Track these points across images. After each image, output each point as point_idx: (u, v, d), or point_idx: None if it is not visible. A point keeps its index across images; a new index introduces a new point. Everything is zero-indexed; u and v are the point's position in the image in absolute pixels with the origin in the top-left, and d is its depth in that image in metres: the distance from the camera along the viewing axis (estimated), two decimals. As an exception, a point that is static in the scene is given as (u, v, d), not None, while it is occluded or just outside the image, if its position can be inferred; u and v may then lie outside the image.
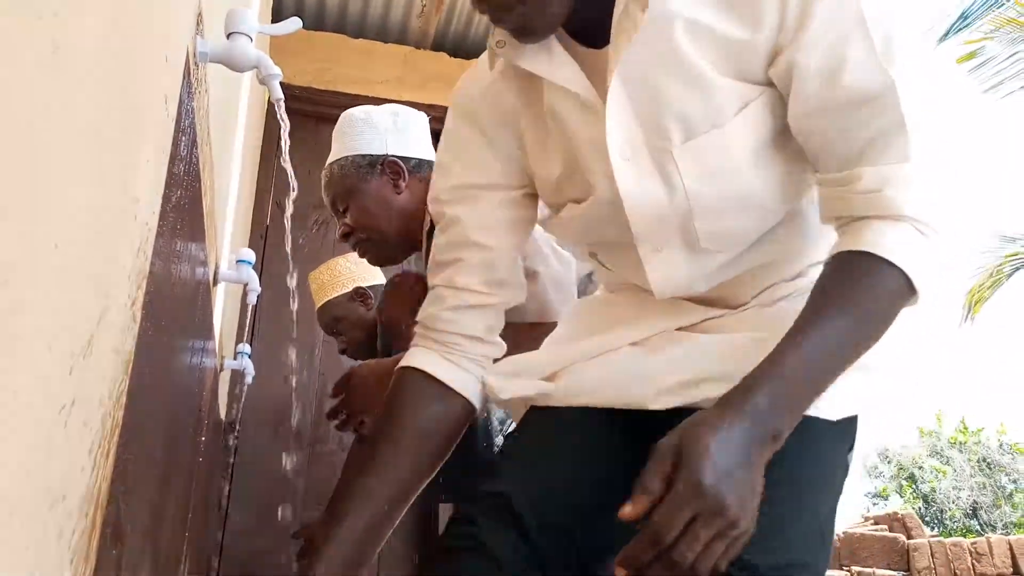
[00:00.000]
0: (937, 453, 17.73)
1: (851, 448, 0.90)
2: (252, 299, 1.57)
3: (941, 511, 15.99)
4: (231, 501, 2.80)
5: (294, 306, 2.29)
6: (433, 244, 1.06)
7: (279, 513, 2.66)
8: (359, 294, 2.20)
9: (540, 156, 0.98)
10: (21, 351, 0.38)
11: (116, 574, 0.69)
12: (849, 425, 0.89)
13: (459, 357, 1.03)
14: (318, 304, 2.22)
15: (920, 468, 17.46)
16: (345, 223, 1.59)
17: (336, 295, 2.20)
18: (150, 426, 0.81)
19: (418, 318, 1.06)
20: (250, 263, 1.52)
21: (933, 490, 16.66)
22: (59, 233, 0.42)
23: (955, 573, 4.34)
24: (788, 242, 0.95)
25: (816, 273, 0.83)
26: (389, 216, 1.57)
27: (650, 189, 0.88)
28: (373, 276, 2.25)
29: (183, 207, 0.89)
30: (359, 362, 1.61)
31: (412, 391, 1.02)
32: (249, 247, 2.52)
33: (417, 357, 1.04)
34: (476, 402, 1.03)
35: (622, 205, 0.89)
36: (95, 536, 0.57)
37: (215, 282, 1.36)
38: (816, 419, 0.82)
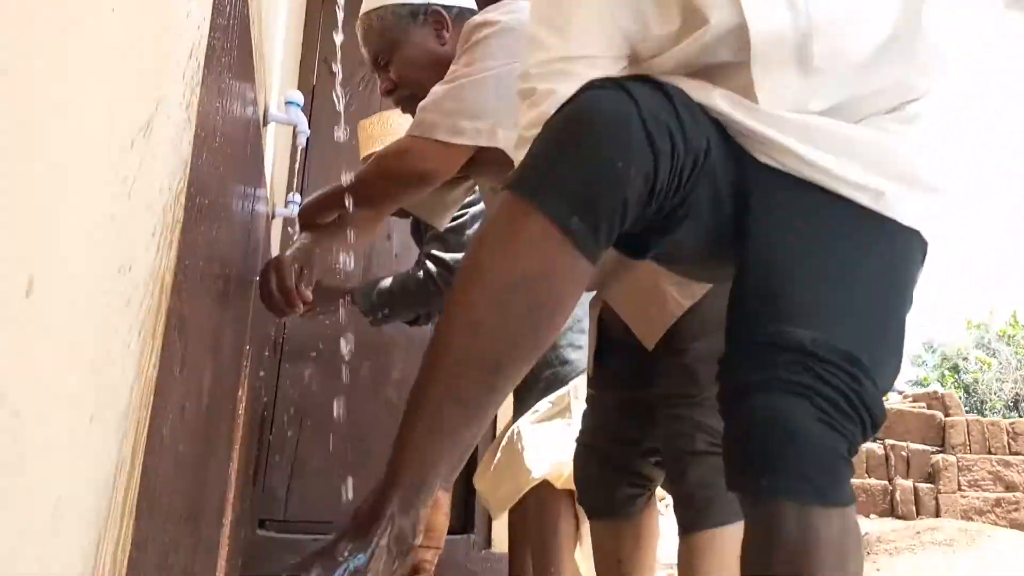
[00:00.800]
0: (984, 345, 17.57)
1: (918, 274, 0.92)
2: (301, 141, 1.58)
3: (982, 402, 16.00)
4: (284, 353, 2.93)
5: (345, 171, 2.32)
6: (521, 119, 1.03)
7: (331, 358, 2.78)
8: None
9: (658, 13, 0.96)
10: (87, 114, 0.40)
11: (180, 364, 0.74)
12: (918, 242, 0.91)
13: None
14: (364, 154, 2.22)
15: (965, 359, 17.36)
16: (388, 78, 1.55)
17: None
18: (206, 248, 0.85)
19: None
20: (299, 105, 1.53)
21: (976, 381, 16.61)
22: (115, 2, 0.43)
23: (990, 450, 4.39)
24: (895, 69, 0.95)
25: (914, 111, 0.87)
26: (434, 69, 1.50)
27: (773, 10, 0.89)
28: None
29: (232, 31, 0.89)
30: None
31: None
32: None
33: None
34: None
35: (740, 31, 0.90)
36: (160, 318, 0.61)
37: (264, 122, 1.37)
38: (888, 219, 0.86)
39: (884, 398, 0.84)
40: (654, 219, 0.86)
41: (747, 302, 0.86)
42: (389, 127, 2.22)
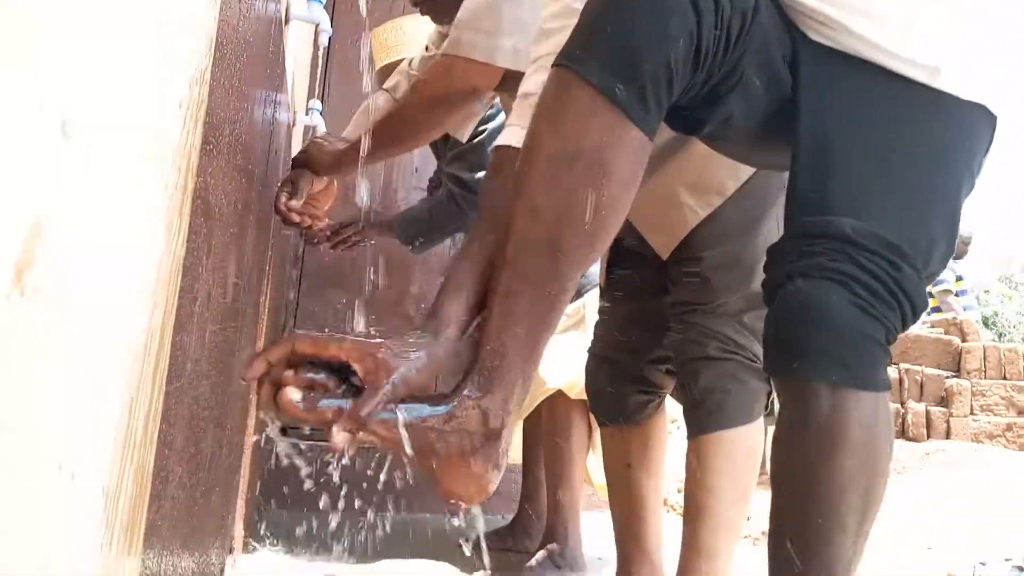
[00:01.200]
0: (1007, 279, 17.40)
1: (983, 151, 0.89)
2: (323, 41, 1.56)
3: (1000, 335, 15.94)
4: (304, 267, 2.96)
5: (366, 73, 2.29)
6: (544, 13, 1.01)
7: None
8: (426, 59, 2.17)
9: None
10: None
11: (207, 251, 0.75)
12: (984, 118, 0.87)
13: None
14: (379, 65, 2.20)
15: (986, 292, 17.22)
16: None
17: (399, 58, 2.17)
18: (230, 137, 0.85)
19: (520, 90, 1.05)
20: (321, 1, 1.50)
21: (996, 313, 16.51)
22: None
23: (1005, 376, 4.41)
24: None
25: None
26: None
27: None
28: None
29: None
30: None
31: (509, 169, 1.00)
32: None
33: (516, 135, 0.99)
34: None
35: None
36: (187, 197, 0.62)
37: (286, 20, 1.35)
38: (946, 94, 0.83)
39: (927, 287, 0.83)
40: (704, 88, 0.84)
41: (797, 189, 0.85)
42: (403, 34, 2.18)
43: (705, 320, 1.34)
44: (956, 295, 6.04)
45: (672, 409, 1.56)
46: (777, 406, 1.15)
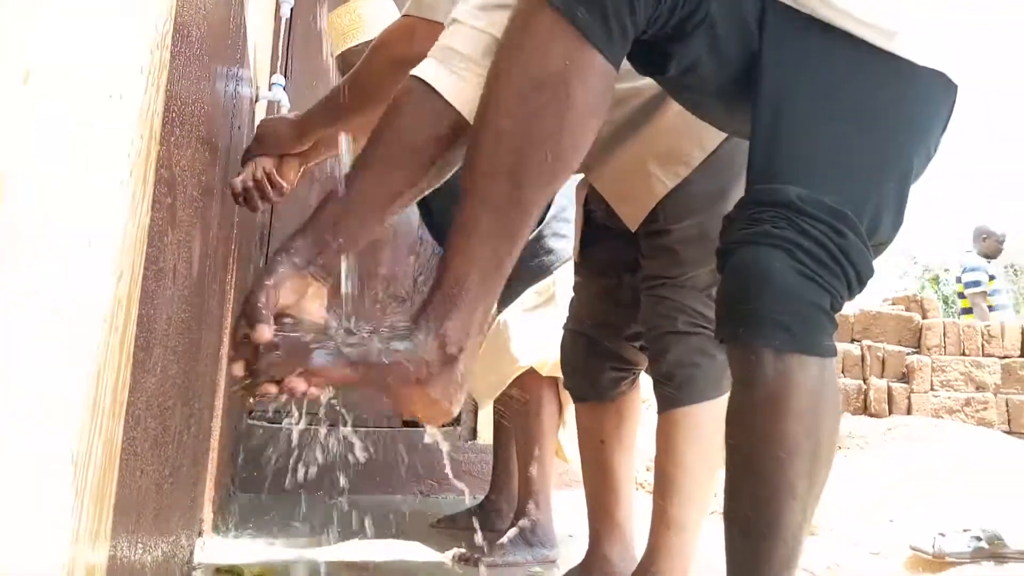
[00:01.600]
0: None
1: (942, 119, 0.89)
2: (285, 12, 1.53)
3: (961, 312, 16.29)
4: (269, 247, 2.92)
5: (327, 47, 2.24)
6: None
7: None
8: None
9: None
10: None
11: (171, 223, 0.74)
12: (943, 86, 0.87)
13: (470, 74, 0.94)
14: (337, 51, 2.16)
15: (946, 270, 17.56)
16: None
17: (356, 44, 2.13)
18: (193, 105, 0.83)
19: (436, 45, 1.02)
20: (283, -24, 1.47)
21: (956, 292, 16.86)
22: None
23: (964, 352, 4.52)
24: None
25: None
26: None
27: None
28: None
29: None
30: None
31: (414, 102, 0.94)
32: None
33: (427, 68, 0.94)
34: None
35: None
36: (151, 163, 0.61)
37: (248, -7, 1.33)
38: (904, 60, 0.83)
39: (876, 255, 0.84)
40: (669, 21, 0.83)
41: (753, 154, 0.85)
42: (359, 17, 2.14)
43: (674, 294, 1.35)
44: (989, 295, 5.79)
45: (642, 387, 1.58)
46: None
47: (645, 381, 1.55)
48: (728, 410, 0.84)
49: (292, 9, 1.68)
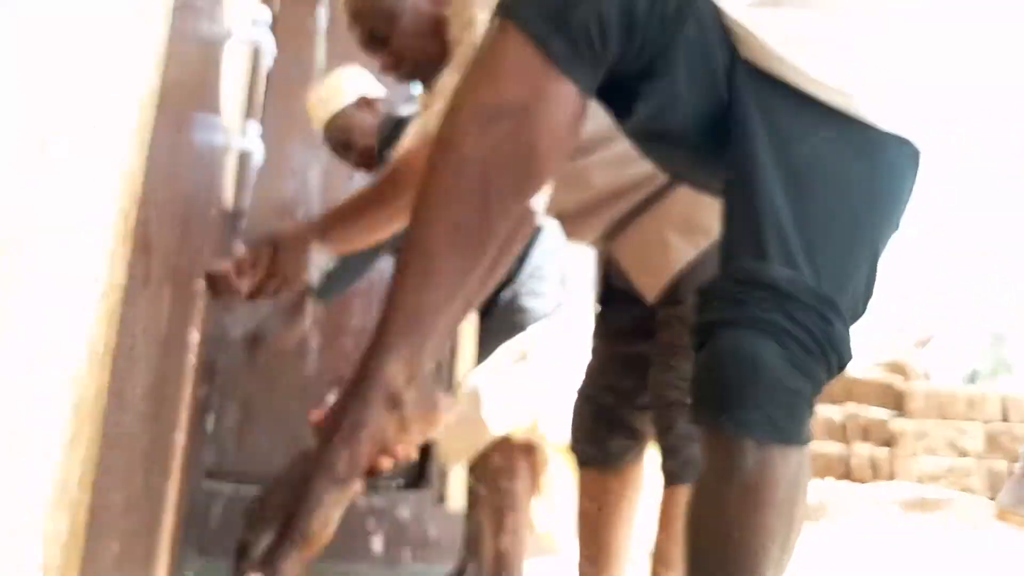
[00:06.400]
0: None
1: (909, 190, 0.86)
2: (268, 62, 1.48)
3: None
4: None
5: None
6: (463, 51, 0.98)
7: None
8: (365, 102, 2.14)
9: None
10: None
11: (145, 278, 0.69)
12: (908, 152, 0.84)
13: None
14: (323, 122, 2.14)
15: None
16: (388, 54, 1.39)
17: (341, 107, 2.13)
18: (170, 173, 0.79)
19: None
20: (267, 24, 1.43)
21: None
22: None
23: (945, 418, 4.53)
24: None
25: None
26: (435, 35, 1.36)
27: None
28: (376, 89, 2.18)
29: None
30: None
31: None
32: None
33: None
34: None
35: None
36: (129, 228, 0.56)
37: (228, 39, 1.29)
38: (869, 127, 0.80)
39: (851, 337, 0.82)
40: (639, 58, 0.80)
41: (730, 227, 0.83)
42: (335, 85, 2.15)
43: (686, 364, 1.32)
44: None
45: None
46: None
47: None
48: (698, 493, 0.82)
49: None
